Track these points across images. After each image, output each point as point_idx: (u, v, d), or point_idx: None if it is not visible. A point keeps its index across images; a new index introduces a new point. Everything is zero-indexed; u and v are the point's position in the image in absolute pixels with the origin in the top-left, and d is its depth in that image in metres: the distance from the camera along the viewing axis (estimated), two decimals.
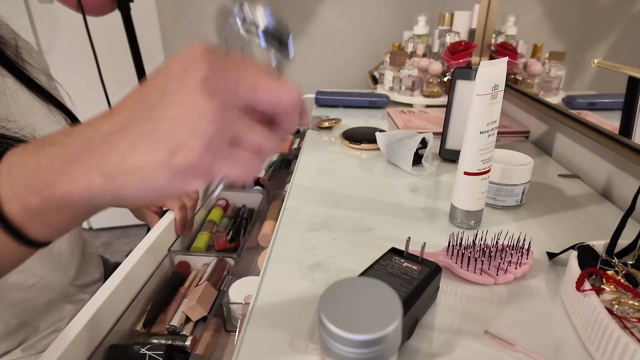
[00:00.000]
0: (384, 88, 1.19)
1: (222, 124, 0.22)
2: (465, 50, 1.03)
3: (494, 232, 0.48)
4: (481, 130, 0.45)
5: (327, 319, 0.19)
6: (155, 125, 0.21)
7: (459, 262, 0.43)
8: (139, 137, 0.22)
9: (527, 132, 0.86)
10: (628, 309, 0.35)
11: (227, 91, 0.22)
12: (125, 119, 0.22)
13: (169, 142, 0.21)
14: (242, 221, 0.79)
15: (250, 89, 0.23)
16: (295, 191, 0.63)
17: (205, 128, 0.21)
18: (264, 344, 0.35)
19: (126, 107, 0.23)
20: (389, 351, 0.19)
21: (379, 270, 0.37)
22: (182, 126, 0.21)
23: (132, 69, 1.24)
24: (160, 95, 0.22)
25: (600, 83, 0.65)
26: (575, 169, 0.69)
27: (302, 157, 0.77)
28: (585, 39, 0.69)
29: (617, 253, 0.40)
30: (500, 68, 0.44)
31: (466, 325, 0.37)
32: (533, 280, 0.43)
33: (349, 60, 1.76)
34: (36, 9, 1.63)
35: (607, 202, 0.59)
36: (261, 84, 0.23)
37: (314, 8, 1.67)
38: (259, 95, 0.23)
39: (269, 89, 0.23)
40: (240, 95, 0.23)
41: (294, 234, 0.51)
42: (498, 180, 0.55)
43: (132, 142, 0.22)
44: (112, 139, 0.22)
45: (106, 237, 1.98)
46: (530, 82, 0.87)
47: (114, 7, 1.16)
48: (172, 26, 1.73)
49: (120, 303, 0.52)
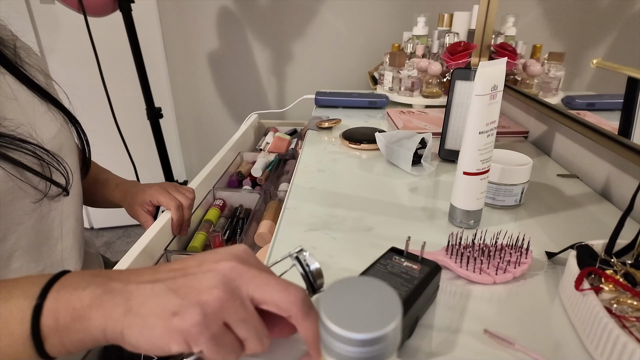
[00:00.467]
0: (384, 88, 1.19)
1: (224, 307, 0.27)
2: (464, 51, 1.04)
3: (493, 231, 0.49)
4: (480, 130, 0.46)
5: (328, 318, 0.19)
6: (179, 287, 0.27)
7: (459, 262, 0.43)
8: (163, 291, 0.27)
9: (526, 133, 0.87)
10: (627, 308, 0.35)
11: (242, 278, 0.28)
12: (165, 276, 0.28)
13: (179, 303, 0.26)
14: (238, 221, 0.80)
15: (259, 285, 0.28)
16: (295, 191, 0.63)
17: (208, 302, 0.26)
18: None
19: (170, 269, 0.29)
20: (389, 350, 0.20)
21: (380, 269, 0.37)
22: (194, 295, 0.26)
23: (133, 70, 1.25)
24: (197, 270, 0.28)
25: (599, 83, 0.66)
26: (574, 169, 0.70)
27: (302, 157, 0.77)
28: (585, 40, 0.70)
29: (616, 252, 0.41)
30: (500, 69, 0.45)
31: (465, 324, 0.37)
32: (532, 280, 0.43)
33: (349, 60, 1.76)
34: (37, 9, 1.63)
35: (605, 201, 0.59)
36: (270, 283, 0.28)
37: (314, 8, 1.68)
38: (264, 292, 0.28)
39: (274, 289, 0.28)
40: (250, 289, 0.28)
41: (294, 234, 0.52)
42: (497, 180, 0.55)
43: (157, 293, 0.27)
44: (146, 288, 0.27)
45: (107, 237, 1.98)
46: (529, 82, 0.88)
47: (115, 7, 1.16)
48: (173, 27, 1.73)
49: None
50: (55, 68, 1.72)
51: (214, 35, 1.75)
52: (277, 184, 0.96)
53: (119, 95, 1.37)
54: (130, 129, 1.32)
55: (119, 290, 0.28)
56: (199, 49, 1.77)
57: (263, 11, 1.69)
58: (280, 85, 1.83)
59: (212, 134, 1.92)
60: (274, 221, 0.76)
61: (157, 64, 1.77)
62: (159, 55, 1.77)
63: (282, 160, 1.06)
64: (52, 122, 0.55)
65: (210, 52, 1.78)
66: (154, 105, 1.32)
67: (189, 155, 1.99)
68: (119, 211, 0.80)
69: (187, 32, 1.74)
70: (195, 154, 1.98)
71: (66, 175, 0.55)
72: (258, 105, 1.85)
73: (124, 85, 1.63)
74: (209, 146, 1.95)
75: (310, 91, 1.22)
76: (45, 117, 0.55)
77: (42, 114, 0.55)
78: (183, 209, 0.68)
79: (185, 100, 1.86)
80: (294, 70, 1.79)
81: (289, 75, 1.80)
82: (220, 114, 1.88)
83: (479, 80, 0.44)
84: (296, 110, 1.90)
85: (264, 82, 1.82)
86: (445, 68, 1.10)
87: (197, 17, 1.71)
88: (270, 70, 1.80)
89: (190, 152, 1.98)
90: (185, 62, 1.79)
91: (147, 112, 1.31)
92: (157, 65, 1.77)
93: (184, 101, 1.86)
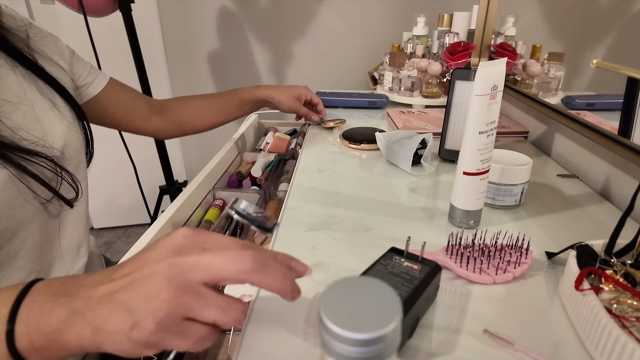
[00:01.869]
0: (384, 89, 1.19)
1: (175, 304, 0.27)
2: (464, 51, 1.04)
3: (493, 231, 0.49)
4: (480, 130, 0.46)
5: (328, 318, 0.19)
6: (129, 300, 0.27)
7: (458, 262, 0.43)
8: (117, 306, 0.27)
9: (526, 133, 0.87)
10: (627, 308, 0.35)
11: (184, 273, 0.28)
12: (117, 286, 0.28)
13: (132, 317, 0.27)
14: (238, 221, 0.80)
15: (203, 270, 0.28)
16: (295, 191, 0.63)
17: (160, 308, 0.27)
18: (264, 343, 0.36)
19: (121, 274, 0.29)
20: (389, 350, 0.20)
21: (380, 269, 0.37)
22: (143, 306, 0.27)
23: (133, 70, 1.25)
24: (141, 271, 0.28)
25: (599, 83, 0.66)
26: (574, 169, 0.70)
27: (302, 157, 0.77)
28: (584, 40, 0.70)
29: (615, 252, 0.41)
30: (499, 69, 0.45)
31: (465, 324, 0.37)
32: (532, 280, 0.43)
33: (349, 61, 1.76)
34: (37, 9, 1.63)
35: (605, 202, 0.59)
36: (212, 263, 0.28)
37: (314, 9, 1.68)
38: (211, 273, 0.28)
39: (219, 267, 0.28)
40: (196, 276, 0.28)
41: (294, 234, 0.52)
42: (497, 180, 0.55)
43: (113, 309, 0.27)
44: (104, 303, 0.28)
45: (107, 237, 1.98)
46: (529, 82, 0.88)
47: (115, 7, 1.16)
48: (173, 27, 1.73)
49: None
50: None
51: (214, 35, 1.75)
52: (277, 184, 0.96)
53: None
54: None
55: (82, 309, 0.28)
56: (199, 49, 1.77)
57: (263, 11, 1.69)
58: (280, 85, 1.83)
59: (212, 134, 1.92)
60: None
61: (157, 64, 1.77)
62: (159, 55, 1.77)
63: (282, 160, 1.06)
64: (60, 121, 0.56)
65: (210, 52, 1.78)
66: None
67: (189, 155, 1.99)
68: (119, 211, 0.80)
69: (187, 32, 1.74)
70: (195, 154, 1.98)
71: (76, 189, 0.56)
72: None
73: None
74: (209, 146, 1.95)
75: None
76: (52, 116, 0.55)
77: (48, 111, 0.55)
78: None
79: None
80: (294, 70, 1.79)
81: (289, 75, 1.80)
82: None
83: (479, 80, 0.44)
84: None
85: (264, 82, 1.81)
86: (445, 68, 1.10)
87: (197, 17, 1.71)
88: (270, 70, 1.80)
89: (190, 152, 1.98)
90: (185, 62, 1.79)
91: None
92: (157, 65, 1.77)
93: None
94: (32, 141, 0.50)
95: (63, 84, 0.59)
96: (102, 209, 1.98)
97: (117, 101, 0.74)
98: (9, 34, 0.55)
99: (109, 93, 0.72)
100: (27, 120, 0.51)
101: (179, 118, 0.85)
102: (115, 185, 1.86)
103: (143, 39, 1.29)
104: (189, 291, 0.28)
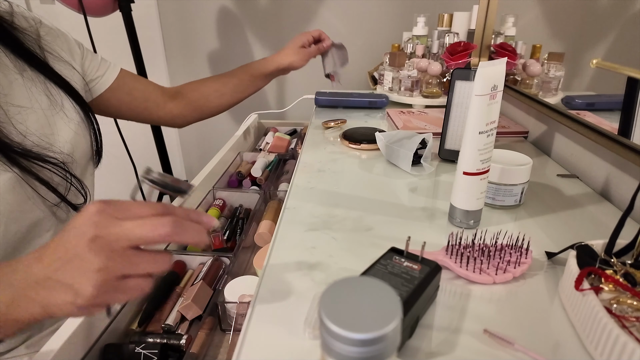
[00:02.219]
0: (384, 89, 1.19)
1: (108, 271, 0.31)
2: (464, 51, 1.04)
3: (493, 231, 0.49)
4: (480, 130, 0.46)
5: (328, 317, 0.19)
6: (65, 277, 0.31)
7: (458, 262, 0.43)
8: (56, 284, 0.32)
9: (526, 133, 0.87)
10: (627, 308, 0.35)
11: (110, 245, 0.31)
12: (51, 268, 0.32)
13: (72, 289, 0.31)
14: (238, 221, 0.80)
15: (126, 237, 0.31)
16: (295, 191, 0.63)
17: (95, 278, 0.31)
18: (264, 343, 0.36)
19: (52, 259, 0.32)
20: (389, 350, 0.20)
21: (380, 269, 0.37)
22: (80, 277, 0.31)
23: (134, 70, 1.25)
24: (68, 253, 0.31)
25: (599, 84, 0.66)
26: (574, 169, 0.70)
27: (302, 157, 0.77)
28: (584, 40, 0.70)
29: (615, 252, 0.41)
30: (499, 69, 0.45)
31: (465, 324, 0.37)
32: (532, 280, 0.43)
33: (349, 61, 1.76)
34: (37, 9, 1.63)
35: (605, 201, 0.59)
36: (133, 231, 0.31)
37: (314, 9, 1.68)
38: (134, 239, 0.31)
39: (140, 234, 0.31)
40: (122, 244, 0.31)
41: (294, 234, 0.52)
42: (497, 180, 0.55)
43: (54, 286, 0.32)
44: (43, 284, 0.32)
45: None
46: (529, 82, 0.88)
47: (115, 7, 1.16)
48: (173, 27, 1.73)
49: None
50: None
51: (214, 35, 1.75)
52: (277, 184, 0.96)
53: None
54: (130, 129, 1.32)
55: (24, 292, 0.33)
56: (199, 49, 1.77)
57: (263, 11, 1.69)
58: (280, 85, 1.83)
59: (212, 134, 1.92)
60: (273, 221, 0.76)
61: (157, 64, 1.77)
62: (159, 55, 1.77)
63: (282, 160, 1.06)
64: (67, 125, 0.56)
65: (210, 52, 1.78)
66: None
67: (189, 155, 1.99)
68: None
69: (187, 32, 1.74)
70: (195, 154, 1.98)
71: (84, 195, 0.56)
72: (258, 105, 1.85)
73: None
74: (209, 146, 1.95)
75: (310, 91, 1.22)
76: (59, 119, 0.55)
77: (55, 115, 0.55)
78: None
79: None
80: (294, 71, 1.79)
81: (289, 75, 1.79)
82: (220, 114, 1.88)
83: (479, 80, 0.44)
84: (296, 110, 1.90)
85: None
86: (445, 68, 1.10)
87: (197, 17, 1.71)
88: None
89: (190, 152, 1.98)
90: (185, 62, 1.79)
91: None
92: (157, 65, 1.77)
93: None
94: (43, 147, 0.51)
95: (74, 84, 0.59)
96: None
97: (131, 90, 0.74)
98: (21, 35, 0.54)
99: (122, 83, 0.72)
100: (38, 126, 0.52)
101: (195, 100, 0.84)
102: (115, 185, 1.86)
103: (143, 39, 1.29)
104: (118, 257, 0.31)
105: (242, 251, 0.68)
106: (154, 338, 0.52)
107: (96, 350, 0.47)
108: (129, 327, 0.55)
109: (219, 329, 0.56)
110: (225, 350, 0.54)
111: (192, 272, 0.65)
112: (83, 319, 0.46)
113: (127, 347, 0.49)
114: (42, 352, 0.41)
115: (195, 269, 0.66)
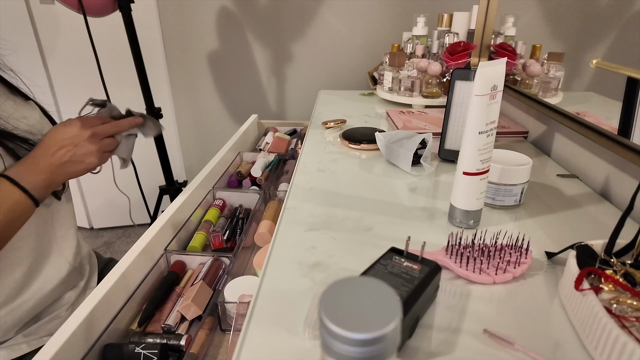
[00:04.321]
0: (384, 89, 1.19)
1: (96, 136, 0.59)
2: (464, 51, 1.04)
3: (492, 231, 0.49)
4: (480, 130, 0.46)
5: (327, 317, 0.19)
6: (77, 157, 0.58)
7: (458, 262, 0.43)
8: (73, 162, 0.58)
9: (526, 133, 0.87)
10: (626, 308, 0.35)
11: (93, 128, 0.59)
12: (65, 157, 0.57)
13: (84, 161, 0.59)
14: (238, 221, 0.80)
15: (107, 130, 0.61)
16: (295, 191, 0.63)
17: (95, 155, 0.59)
18: (264, 343, 0.36)
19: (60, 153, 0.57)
20: (389, 350, 0.20)
21: (380, 269, 0.37)
22: (87, 157, 0.59)
23: (133, 70, 1.25)
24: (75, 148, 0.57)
25: (599, 84, 0.66)
26: (574, 169, 0.70)
27: (302, 157, 0.77)
28: (584, 40, 0.70)
29: (615, 252, 0.41)
30: (499, 69, 0.45)
31: (465, 324, 0.37)
32: (532, 280, 0.43)
33: (349, 61, 1.76)
34: (37, 9, 1.63)
35: (605, 202, 0.59)
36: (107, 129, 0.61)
37: (314, 9, 1.68)
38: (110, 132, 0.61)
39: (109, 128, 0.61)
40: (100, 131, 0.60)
41: (294, 234, 0.52)
42: (497, 180, 0.55)
43: (71, 164, 0.58)
44: (63, 164, 0.57)
45: (107, 237, 1.98)
46: (529, 82, 0.88)
47: (115, 7, 1.16)
48: (173, 27, 1.73)
49: (116, 302, 0.53)
50: (55, 68, 1.72)
51: (214, 36, 1.75)
52: (277, 184, 0.96)
53: (119, 95, 1.37)
54: None
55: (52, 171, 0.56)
56: (199, 49, 1.77)
57: (263, 11, 1.69)
58: (280, 85, 1.83)
59: (212, 134, 1.92)
60: (273, 221, 0.76)
61: (157, 64, 1.77)
62: (159, 55, 1.77)
63: (282, 160, 1.06)
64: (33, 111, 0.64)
65: (210, 52, 1.78)
66: (153, 106, 1.32)
67: (189, 155, 1.99)
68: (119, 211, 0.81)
69: (187, 32, 1.74)
70: (195, 154, 1.98)
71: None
72: (258, 105, 1.85)
73: (124, 86, 1.63)
74: (208, 146, 1.95)
75: (310, 91, 1.22)
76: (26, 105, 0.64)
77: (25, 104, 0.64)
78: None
79: (185, 101, 1.86)
80: (294, 71, 1.79)
81: (288, 75, 1.80)
82: (219, 114, 1.88)
83: (479, 80, 0.44)
84: (296, 111, 1.90)
85: (264, 82, 1.82)
86: (445, 68, 1.10)
87: (197, 17, 1.71)
88: (270, 71, 1.80)
89: (190, 152, 1.98)
90: (185, 62, 1.79)
91: (147, 112, 1.31)
92: (157, 65, 1.77)
93: (183, 101, 1.86)
94: (23, 129, 0.59)
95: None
96: (102, 209, 1.98)
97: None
98: None
99: None
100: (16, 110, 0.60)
101: None
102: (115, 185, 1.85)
103: (143, 39, 1.29)
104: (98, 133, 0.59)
105: (242, 251, 0.68)
106: (153, 338, 0.52)
107: (96, 350, 0.47)
108: (129, 327, 0.55)
109: (219, 329, 0.56)
110: (225, 350, 0.54)
111: (192, 272, 0.65)
112: (83, 320, 0.46)
113: (127, 347, 0.49)
114: (42, 352, 0.41)
115: (195, 269, 0.66)
